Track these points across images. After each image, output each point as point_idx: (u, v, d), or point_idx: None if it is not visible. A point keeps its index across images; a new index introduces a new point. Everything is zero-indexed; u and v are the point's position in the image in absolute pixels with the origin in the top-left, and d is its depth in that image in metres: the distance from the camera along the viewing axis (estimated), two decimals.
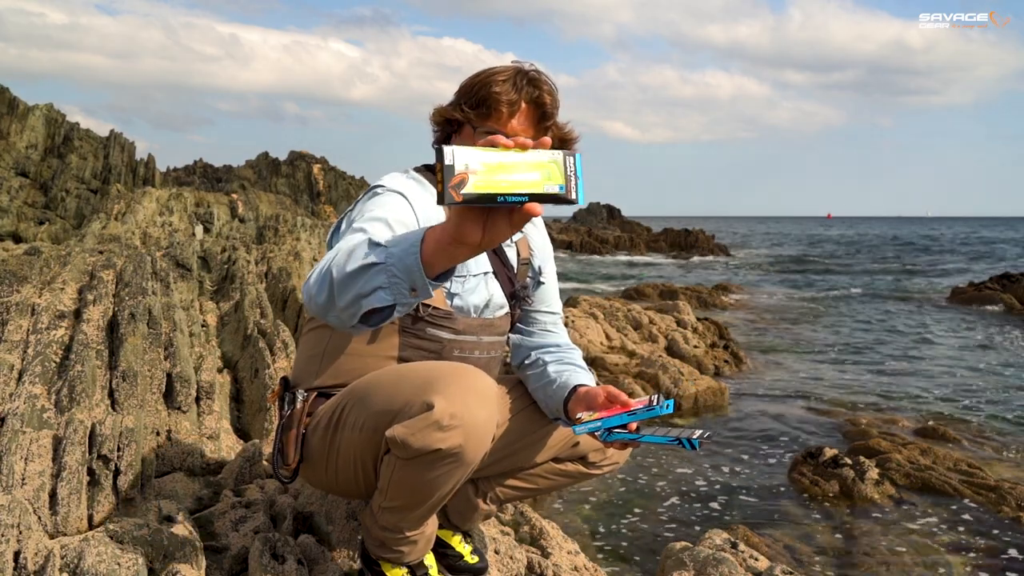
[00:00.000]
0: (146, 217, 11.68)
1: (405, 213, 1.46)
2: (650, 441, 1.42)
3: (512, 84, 1.52)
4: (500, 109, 1.52)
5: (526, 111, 1.54)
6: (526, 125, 1.54)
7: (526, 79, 1.53)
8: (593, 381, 1.68)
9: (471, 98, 1.54)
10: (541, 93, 1.54)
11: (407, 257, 1.07)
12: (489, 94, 1.51)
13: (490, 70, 1.56)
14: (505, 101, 1.51)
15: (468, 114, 1.53)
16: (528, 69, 1.56)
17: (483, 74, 1.55)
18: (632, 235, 38.11)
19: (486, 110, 1.52)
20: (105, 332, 2.86)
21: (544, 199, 0.96)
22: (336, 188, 31.87)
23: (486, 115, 1.52)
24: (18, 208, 16.16)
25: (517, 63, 1.58)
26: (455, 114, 1.56)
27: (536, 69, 1.57)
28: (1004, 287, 14.52)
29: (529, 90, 1.53)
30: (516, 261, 1.71)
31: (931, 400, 6.71)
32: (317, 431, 1.56)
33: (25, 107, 19.07)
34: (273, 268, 5.77)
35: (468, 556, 1.86)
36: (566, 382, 1.64)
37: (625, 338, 7.89)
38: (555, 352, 1.76)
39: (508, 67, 1.56)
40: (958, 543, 3.65)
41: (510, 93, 1.51)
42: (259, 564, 1.68)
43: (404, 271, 1.08)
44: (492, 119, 1.53)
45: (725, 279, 19.95)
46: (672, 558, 2.18)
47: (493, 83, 1.52)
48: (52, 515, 1.86)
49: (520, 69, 1.55)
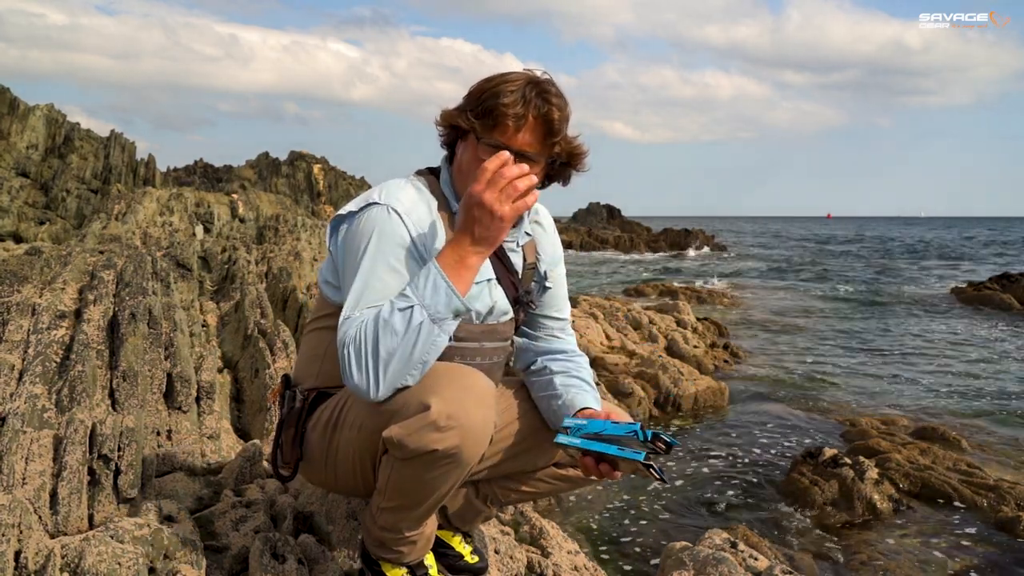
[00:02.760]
0: (146, 217, 11.68)
1: (402, 239, 1.46)
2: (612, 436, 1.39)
3: (521, 96, 1.47)
4: (506, 122, 1.47)
5: (533, 125, 1.48)
6: (532, 140, 1.49)
7: (536, 91, 1.48)
8: (598, 398, 1.65)
9: (478, 107, 1.49)
10: (550, 108, 1.48)
11: (439, 298, 1.29)
12: (496, 106, 1.46)
13: (501, 77, 1.51)
14: (512, 115, 1.46)
15: (473, 123, 1.49)
16: (540, 79, 1.51)
17: (493, 82, 1.50)
18: (632, 235, 38.12)
19: (492, 121, 1.48)
20: (106, 332, 2.86)
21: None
22: (336, 188, 31.87)
23: (492, 126, 1.48)
24: (19, 208, 16.17)
25: (529, 71, 1.52)
26: (461, 122, 1.51)
27: (549, 80, 1.51)
28: (1004, 287, 14.53)
29: (538, 104, 1.47)
30: (521, 266, 1.70)
31: (931, 400, 6.71)
32: (317, 430, 1.56)
33: (26, 107, 19.07)
34: (273, 268, 5.77)
35: (468, 556, 1.86)
36: (571, 401, 1.60)
37: (625, 338, 7.89)
38: (562, 360, 1.72)
39: (519, 76, 1.50)
40: (957, 543, 3.65)
41: (518, 106, 1.46)
42: (259, 564, 1.68)
43: (446, 309, 1.31)
44: (498, 131, 1.48)
45: (725, 279, 19.95)
46: (672, 558, 2.18)
47: (502, 94, 1.46)
48: (53, 515, 1.86)
49: (531, 79, 1.50)
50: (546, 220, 1.78)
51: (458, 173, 1.57)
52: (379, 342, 1.31)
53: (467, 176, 1.53)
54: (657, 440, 1.34)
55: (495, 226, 1.36)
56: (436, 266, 1.36)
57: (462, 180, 1.56)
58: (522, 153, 1.48)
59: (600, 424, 1.42)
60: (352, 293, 1.41)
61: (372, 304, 1.39)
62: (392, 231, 1.46)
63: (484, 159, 1.43)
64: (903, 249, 40.88)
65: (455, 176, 1.58)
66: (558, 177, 1.61)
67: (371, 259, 1.44)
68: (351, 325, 1.36)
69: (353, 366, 1.34)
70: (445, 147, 1.62)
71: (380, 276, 1.42)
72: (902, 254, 35.90)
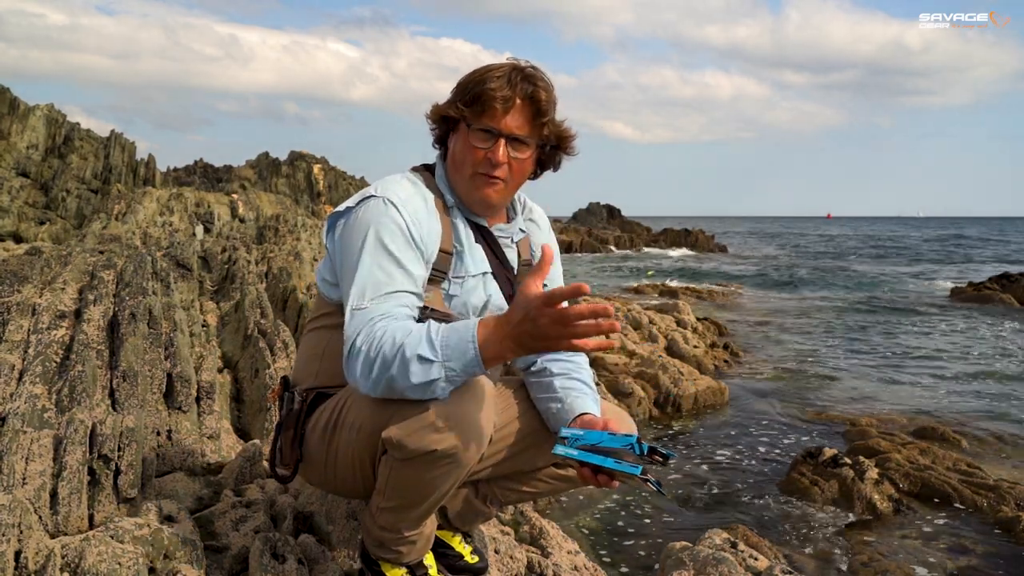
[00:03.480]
0: (146, 217, 11.69)
1: (401, 230, 1.47)
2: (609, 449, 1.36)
3: (507, 80, 1.51)
4: (495, 105, 1.50)
5: (521, 107, 1.52)
6: (521, 122, 1.53)
7: (521, 75, 1.52)
8: (597, 400, 1.65)
9: (466, 95, 1.52)
10: (536, 89, 1.52)
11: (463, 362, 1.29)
12: (484, 91, 1.50)
13: (486, 67, 1.55)
14: (500, 97, 1.49)
15: (463, 111, 1.52)
16: (524, 66, 1.55)
17: (479, 71, 1.55)
18: (632, 235, 38.12)
19: (480, 107, 1.51)
20: (106, 332, 2.86)
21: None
22: (336, 188, 31.87)
23: (481, 112, 1.51)
24: (19, 208, 16.17)
25: (513, 60, 1.56)
26: (450, 111, 1.55)
27: (532, 66, 1.55)
28: (1004, 287, 14.53)
29: (524, 86, 1.51)
30: (517, 262, 1.71)
31: (931, 400, 6.71)
32: (316, 431, 1.56)
33: (26, 107, 19.06)
34: (273, 268, 5.77)
35: (468, 556, 1.86)
36: (571, 406, 1.59)
37: (625, 338, 7.89)
38: (562, 361, 1.70)
39: (504, 64, 1.54)
40: (957, 543, 3.65)
41: (504, 89, 1.50)
42: (259, 564, 1.68)
43: (463, 373, 1.30)
44: (487, 116, 1.51)
45: (725, 278, 19.95)
46: (672, 558, 2.18)
47: (488, 79, 1.50)
48: (53, 515, 1.86)
49: (516, 66, 1.54)
50: (540, 218, 1.79)
51: (452, 164, 1.59)
52: (391, 370, 1.31)
53: (460, 166, 1.56)
54: (654, 454, 1.33)
55: (540, 345, 1.28)
56: (475, 335, 1.29)
57: (456, 171, 1.58)
58: (513, 136, 1.52)
59: (597, 436, 1.41)
60: (356, 283, 1.42)
61: (380, 295, 1.40)
62: (390, 221, 1.47)
63: (476, 144, 1.51)
64: (903, 249, 40.87)
65: (449, 168, 1.61)
66: (549, 163, 1.65)
67: (372, 249, 1.45)
68: (364, 320, 1.37)
69: (359, 364, 1.34)
70: (437, 144, 1.64)
71: (382, 266, 1.43)
72: (902, 254, 35.90)
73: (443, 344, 1.29)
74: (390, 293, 1.41)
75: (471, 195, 1.58)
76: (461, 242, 1.59)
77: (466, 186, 1.57)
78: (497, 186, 1.56)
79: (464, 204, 1.61)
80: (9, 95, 18.85)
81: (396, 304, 1.41)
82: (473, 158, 1.53)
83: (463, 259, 1.59)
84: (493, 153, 1.52)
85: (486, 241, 1.64)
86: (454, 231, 1.58)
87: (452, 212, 1.60)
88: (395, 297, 1.42)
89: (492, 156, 1.52)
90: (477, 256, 1.61)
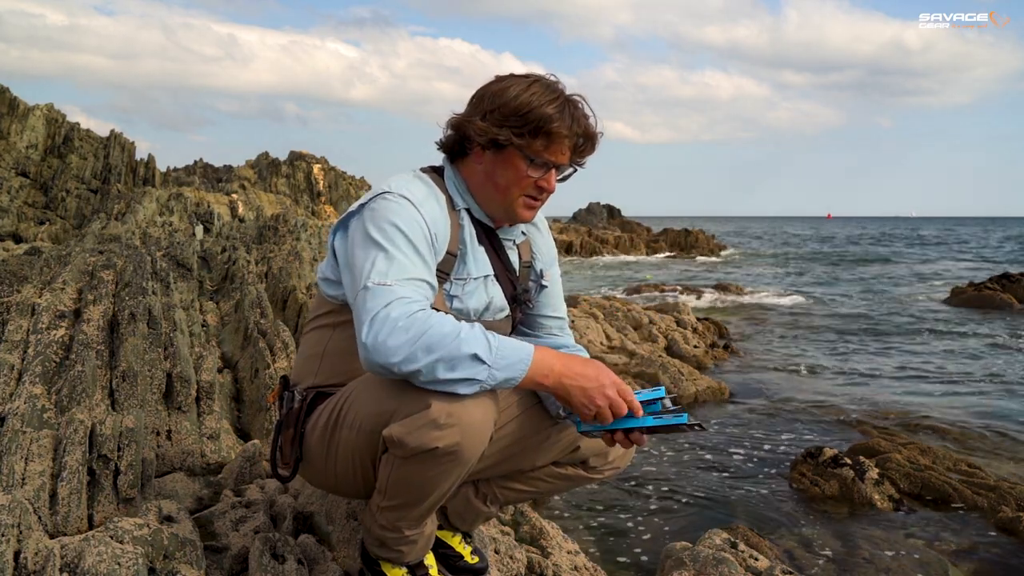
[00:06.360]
0: (146, 217, 11.69)
1: (419, 226, 1.46)
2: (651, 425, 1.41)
3: (569, 116, 1.52)
4: (563, 143, 1.53)
5: (575, 143, 1.56)
6: (568, 152, 1.57)
7: (575, 109, 1.54)
8: None
9: (525, 125, 1.50)
10: (593, 129, 1.57)
11: (510, 382, 1.33)
12: (551, 129, 1.50)
13: (533, 91, 1.51)
14: (568, 135, 1.52)
15: (522, 143, 1.52)
16: (575, 98, 1.56)
17: (527, 97, 1.51)
18: (632, 235, 38.11)
19: (546, 141, 1.52)
20: (105, 332, 2.86)
21: None
22: (336, 188, 31.86)
23: (545, 146, 1.53)
24: (18, 208, 16.17)
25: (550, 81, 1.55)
26: (500, 136, 1.51)
27: (580, 96, 1.57)
28: (1004, 287, 14.52)
29: (585, 124, 1.55)
30: (518, 264, 1.71)
31: (931, 400, 6.71)
32: (316, 430, 1.56)
33: (25, 107, 19.07)
34: (273, 268, 5.77)
35: (468, 556, 1.86)
36: None
37: (625, 338, 7.89)
38: (554, 338, 1.79)
39: (554, 91, 1.53)
40: (957, 543, 3.65)
41: (569, 126, 1.52)
42: (259, 564, 1.68)
43: (504, 380, 1.33)
44: (551, 151, 1.54)
45: (725, 279, 19.95)
46: (672, 558, 2.18)
47: (550, 118, 1.50)
48: (52, 515, 1.86)
49: (567, 98, 1.54)
50: (540, 220, 1.80)
51: (488, 182, 1.58)
52: (435, 354, 1.28)
53: (504, 189, 1.56)
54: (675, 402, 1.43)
55: (579, 401, 1.40)
56: (531, 355, 1.35)
57: (495, 190, 1.57)
58: (562, 165, 1.58)
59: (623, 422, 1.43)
60: (378, 264, 1.37)
61: (404, 278, 1.36)
62: (409, 217, 1.46)
63: (531, 174, 1.54)
64: (903, 249, 40.88)
65: (480, 183, 1.60)
66: None
67: (394, 236, 1.42)
68: (393, 295, 1.32)
69: (390, 334, 1.28)
70: (447, 152, 1.63)
71: (405, 252, 1.40)
72: (902, 254, 35.90)
73: (498, 352, 1.32)
74: (413, 279, 1.38)
75: (509, 213, 1.60)
76: (464, 244, 1.59)
77: (505, 206, 1.59)
78: (538, 206, 1.61)
79: (489, 216, 1.63)
80: (9, 95, 18.86)
81: (420, 292, 1.37)
82: (524, 184, 1.55)
83: (466, 261, 1.59)
84: (546, 181, 1.56)
85: (491, 243, 1.65)
86: (459, 233, 1.59)
87: (459, 214, 1.60)
88: (419, 285, 1.38)
89: (545, 184, 1.57)
90: (480, 258, 1.61)
